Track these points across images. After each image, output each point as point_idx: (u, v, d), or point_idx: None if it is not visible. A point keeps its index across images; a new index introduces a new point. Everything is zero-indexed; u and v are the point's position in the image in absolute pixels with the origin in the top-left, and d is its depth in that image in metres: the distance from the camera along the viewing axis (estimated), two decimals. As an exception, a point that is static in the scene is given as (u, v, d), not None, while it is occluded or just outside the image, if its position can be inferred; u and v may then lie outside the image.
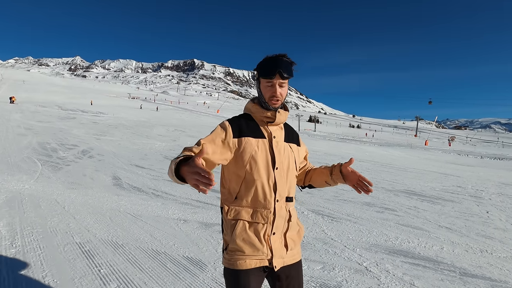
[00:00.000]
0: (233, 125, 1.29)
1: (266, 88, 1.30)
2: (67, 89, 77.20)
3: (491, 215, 4.86)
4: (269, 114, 1.32)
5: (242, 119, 1.34)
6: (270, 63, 1.26)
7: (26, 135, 11.90)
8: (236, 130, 1.28)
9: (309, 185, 1.54)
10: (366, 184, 1.29)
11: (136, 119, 25.38)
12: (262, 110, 1.32)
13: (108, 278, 2.49)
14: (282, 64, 1.25)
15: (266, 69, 1.26)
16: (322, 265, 2.87)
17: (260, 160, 1.27)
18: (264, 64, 1.28)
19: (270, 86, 1.29)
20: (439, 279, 2.70)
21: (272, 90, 1.28)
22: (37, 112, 23.35)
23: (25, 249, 2.89)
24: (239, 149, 1.27)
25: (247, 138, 1.28)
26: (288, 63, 1.27)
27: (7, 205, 4.10)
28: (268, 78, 1.27)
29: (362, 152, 15.67)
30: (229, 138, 1.26)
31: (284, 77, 1.26)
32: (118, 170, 6.84)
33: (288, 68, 1.27)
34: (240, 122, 1.32)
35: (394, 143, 30.25)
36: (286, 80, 1.29)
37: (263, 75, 1.27)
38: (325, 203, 5.06)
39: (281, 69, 1.24)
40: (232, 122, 1.31)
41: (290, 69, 1.29)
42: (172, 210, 4.29)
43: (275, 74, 1.25)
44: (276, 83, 1.27)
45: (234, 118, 1.35)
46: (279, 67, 1.25)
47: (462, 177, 8.72)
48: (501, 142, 59.32)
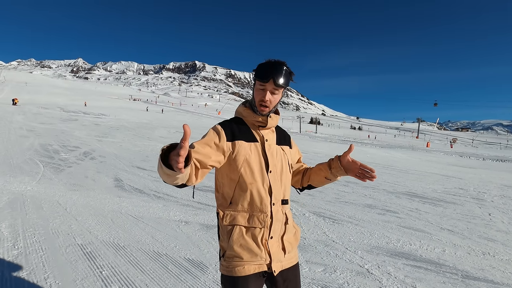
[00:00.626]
0: (225, 129, 1.28)
1: (258, 91, 1.28)
2: (69, 91, 77.56)
3: (493, 217, 4.84)
4: (261, 119, 1.31)
5: (233, 123, 1.33)
6: (267, 67, 1.24)
7: (28, 136, 11.96)
8: (229, 134, 1.27)
9: (309, 186, 1.51)
10: (368, 171, 1.27)
11: (138, 121, 25.46)
12: (254, 115, 1.31)
13: (110, 279, 2.49)
14: (278, 71, 1.23)
15: (262, 71, 1.24)
16: (324, 267, 2.87)
17: (254, 163, 1.26)
18: (261, 67, 1.25)
19: (262, 90, 1.27)
20: (441, 282, 2.69)
21: (262, 95, 1.27)
22: (39, 114, 23.46)
23: (27, 251, 2.90)
24: (232, 152, 1.26)
25: (240, 141, 1.27)
26: (286, 71, 1.25)
27: (9, 207, 4.11)
28: (261, 81, 1.25)
29: (363, 154, 15.65)
30: (223, 141, 1.25)
31: (277, 84, 1.23)
32: (119, 172, 6.86)
33: (284, 76, 1.25)
34: (232, 126, 1.31)
35: (395, 145, 30.19)
36: (280, 88, 1.27)
37: (257, 77, 1.26)
38: (326, 205, 5.05)
39: (275, 75, 1.22)
40: (224, 125, 1.30)
41: (286, 78, 1.26)
42: (174, 212, 4.30)
43: (268, 79, 1.23)
44: (268, 89, 1.26)
45: (226, 122, 1.33)
46: (274, 73, 1.22)
47: (464, 179, 8.68)
48: (504, 144, 59.12)
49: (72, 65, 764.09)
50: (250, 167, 1.25)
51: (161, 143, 13.15)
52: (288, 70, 1.27)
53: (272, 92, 1.27)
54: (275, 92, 1.27)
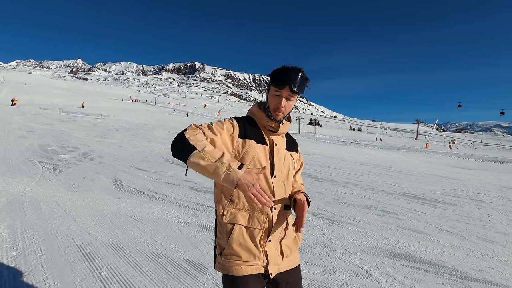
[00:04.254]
0: (240, 125, 1.28)
1: (273, 97, 1.28)
2: (68, 91, 77.47)
3: (492, 218, 4.85)
4: (273, 125, 1.31)
5: (246, 122, 1.32)
6: (284, 73, 1.23)
7: (27, 137, 11.93)
8: (242, 131, 1.27)
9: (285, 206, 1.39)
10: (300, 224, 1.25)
11: (137, 121, 25.43)
12: (267, 119, 1.31)
13: (109, 281, 2.49)
14: (295, 77, 1.23)
15: (278, 77, 1.24)
16: (323, 268, 2.87)
17: (260, 166, 1.26)
18: (278, 73, 1.25)
19: (278, 96, 1.27)
20: (440, 283, 2.70)
21: (278, 101, 1.26)
22: (38, 115, 23.42)
23: (26, 252, 2.90)
24: (241, 150, 1.25)
25: (251, 141, 1.27)
26: (302, 78, 1.25)
27: (8, 208, 4.10)
28: (277, 87, 1.25)
29: (362, 155, 15.67)
30: (235, 135, 1.25)
31: (293, 91, 1.23)
32: (118, 173, 6.85)
33: (301, 83, 1.25)
34: (245, 124, 1.30)
35: (394, 146, 30.24)
36: (295, 95, 1.27)
37: (273, 83, 1.25)
38: (325, 206, 5.05)
39: (292, 82, 1.22)
40: (238, 121, 1.30)
41: (302, 85, 1.26)
42: (173, 213, 4.29)
43: (285, 85, 1.23)
44: (284, 95, 1.26)
45: (239, 118, 1.33)
46: (291, 79, 1.22)
47: (462, 180, 8.70)
48: (502, 145, 59.23)
49: (71, 66, 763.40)
50: None
51: (160, 143, 13.14)
52: (304, 77, 1.26)
53: (287, 99, 1.27)
54: (290, 99, 1.27)
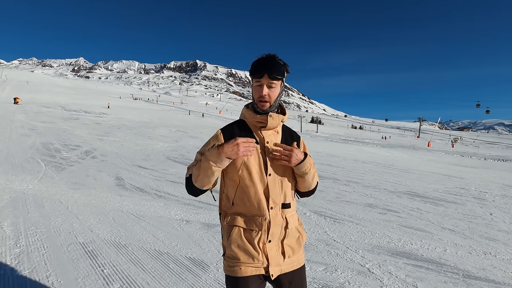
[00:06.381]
0: (225, 133, 1.31)
1: (255, 89, 1.30)
2: (71, 90, 77.66)
3: (494, 217, 4.83)
4: (260, 119, 1.29)
5: (235, 126, 1.34)
6: (260, 62, 1.26)
7: (30, 135, 11.99)
8: (227, 136, 1.29)
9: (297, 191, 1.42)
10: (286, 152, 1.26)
11: (138, 119, 25.49)
12: (254, 115, 1.31)
13: (111, 278, 2.50)
14: (271, 63, 1.25)
15: (255, 68, 1.26)
16: (325, 266, 2.87)
17: (253, 166, 1.26)
18: (254, 64, 1.27)
19: (259, 86, 1.28)
20: (442, 281, 2.69)
21: (260, 91, 1.27)
22: (41, 113, 23.51)
23: (29, 249, 2.92)
24: None
25: None
26: (277, 63, 1.26)
27: (11, 205, 4.13)
28: (256, 78, 1.27)
29: (364, 153, 15.62)
30: None
31: (271, 76, 1.24)
32: (120, 171, 6.87)
33: (277, 68, 1.25)
34: (233, 129, 1.32)
35: (396, 144, 30.15)
36: (276, 80, 1.27)
37: (252, 75, 1.27)
38: (327, 204, 5.05)
39: (268, 69, 1.24)
40: (224, 130, 1.33)
41: (280, 70, 1.26)
42: (175, 211, 4.30)
43: (262, 73, 1.24)
44: (265, 84, 1.26)
45: (227, 126, 1.36)
46: (266, 66, 1.24)
47: (465, 179, 8.66)
48: (505, 144, 58.92)
49: (73, 64, 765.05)
50: (249, 170, 1.26)
51: (162, 142, 13.17)
52: (280, 62, 1.27)
53: (269, 86, 1.27)
54: (272, 86, 1.27)
